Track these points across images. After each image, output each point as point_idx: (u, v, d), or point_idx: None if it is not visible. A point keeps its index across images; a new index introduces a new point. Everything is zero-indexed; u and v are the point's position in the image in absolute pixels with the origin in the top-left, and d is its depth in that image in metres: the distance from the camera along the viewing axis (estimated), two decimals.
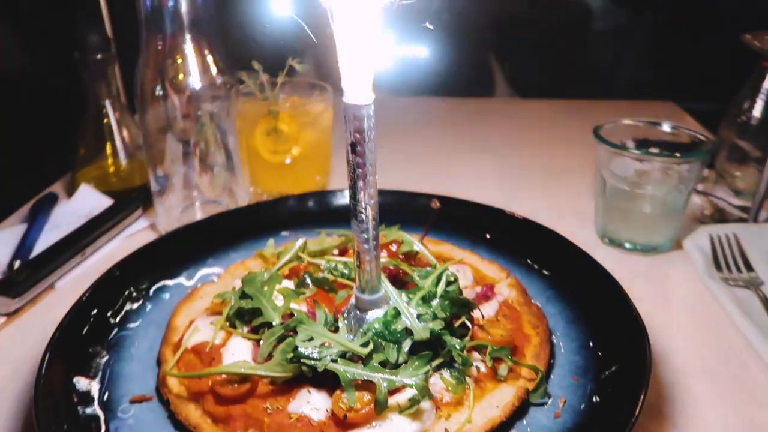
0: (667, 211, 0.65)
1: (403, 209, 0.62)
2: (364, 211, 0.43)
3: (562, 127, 1.03)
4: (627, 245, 0.67)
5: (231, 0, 0.95)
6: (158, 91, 0.64)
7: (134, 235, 0.70)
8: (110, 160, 0.77)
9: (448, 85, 1.16)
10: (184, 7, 0.61)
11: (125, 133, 0.76)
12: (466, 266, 0.57)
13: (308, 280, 0.51)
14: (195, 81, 0.65)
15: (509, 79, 1.33)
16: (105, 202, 0.72)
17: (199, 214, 0.71)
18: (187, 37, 0.63)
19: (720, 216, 0.71)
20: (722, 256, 0.63)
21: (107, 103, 0.74)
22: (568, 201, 0.79)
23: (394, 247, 0.55)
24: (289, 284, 0.51)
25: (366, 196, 0.43)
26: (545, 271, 0.57)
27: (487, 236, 0.63)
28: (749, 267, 0.61)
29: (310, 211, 0.68)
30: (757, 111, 0.74)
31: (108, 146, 0.76)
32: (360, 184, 0.42)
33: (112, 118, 0.75)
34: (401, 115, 1.06)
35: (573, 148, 0.92)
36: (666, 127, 0.67)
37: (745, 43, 0.64)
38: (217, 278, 0.58)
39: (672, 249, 0.66)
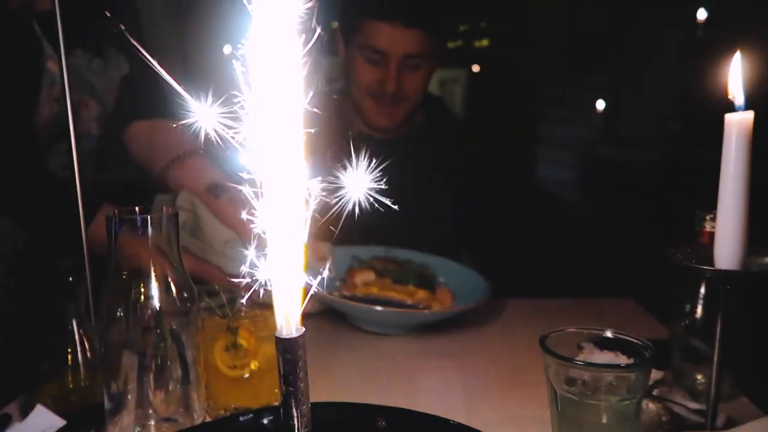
0: (620, 420, 0.65)
1: (349, 424, 0.62)
2: None
3: (523, 329, 1.05)
4: None
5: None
6: (119, 313, 0.67)
7: None
8: (70, 377, 0.78)
9: None
10: (150, 236, 0.67)
11: (87, 349, 0.78)
12: None
13: None
14: (156, 301, 0.68)
15: None
16: (57, 422, 0.71)
17: None
18: (150, 260, 0.68)
19: (678, 423, 0.70)
20: None
21: (74, 322, 0.77)
22: (529, 409, 0.78)
23: None
24: None
25: (300, 424, 0.43)
26: None
27: None
28: None
29: (267, 428, 0.68)
30: (698, 314, 0.78)
31: (69, 363, 0.77)
32: (293, 413, 0.43)
33: (76, 335, 0.77)
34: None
35: (535, 349, 0.93)
36: (609, 334, 0.70)
37: (668, 257, 0.69)
38: None
39: None
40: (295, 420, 0.43)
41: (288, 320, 0.42)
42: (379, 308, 1.01)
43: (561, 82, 4.39)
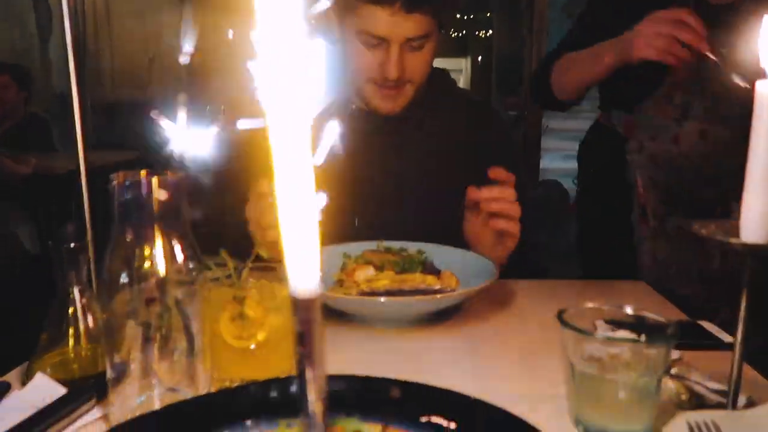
0: (639, 396, 0.63)
1: (362, 396, 0.60)
2: (311, 406, 0.41)
3: (533, 310, 1.03)
4: None
5: (201, 192, 1.00)
6: (123, 279, 0.65)
7: (86, 427, 0.67)
8: (71, 347, 0.76)
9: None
10: (155, 200, 0.64)
11: (89, 319, 0.76)
12: None
13: None
14: (161, 269, 0.66)
15: None
16: (59, 391, 0.69)
17: (157, 404, 0.68)
18: (156, 227, 0.65)
19: (698, 401, 0.68)
20: None
21: (75, 289, 0.75)
22: (544, 386, 0.76)
23: None
24: None
25: (314, 390, 0.41)
26: None
27: (452, 426, 0.59)
28: None
29: (273, 399, 0.66)
30: None
31: (71, 332, 0.75)
32: (308, 376, 0.41)
33: (78, 304, 0.75)
34: (366, 318, 1.02)
35: (547, 330, 0.92)
36: (629, 310, 0.68)
37: (693, 233, 0.67)
38: None
39: None
40: (311, 384, 0.41)
41: (303, 278, 0.40)
42: (411, 299, 0.94)
43: None
